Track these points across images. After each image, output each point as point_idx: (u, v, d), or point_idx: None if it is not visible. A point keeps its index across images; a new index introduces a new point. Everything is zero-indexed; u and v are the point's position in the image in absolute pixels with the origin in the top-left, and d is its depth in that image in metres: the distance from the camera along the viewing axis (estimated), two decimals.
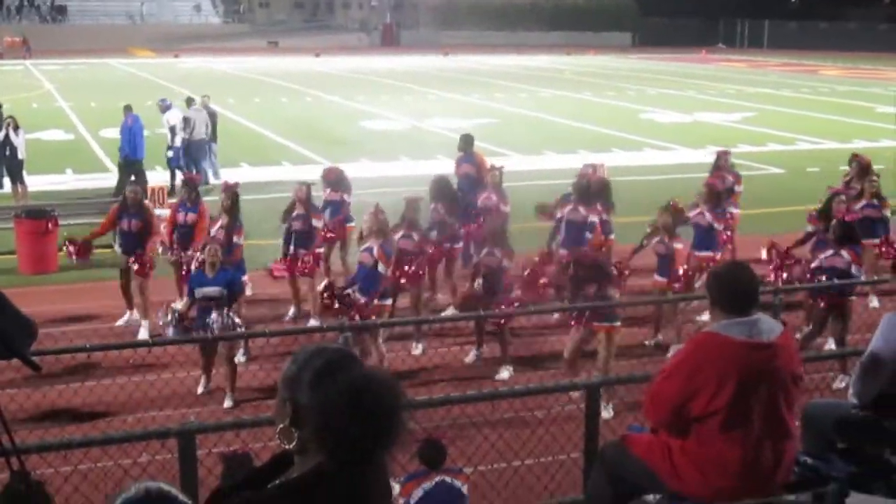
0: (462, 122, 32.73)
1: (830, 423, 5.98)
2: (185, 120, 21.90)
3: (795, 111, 38.04)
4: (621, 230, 14.27)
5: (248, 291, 13.33)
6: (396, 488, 6.91)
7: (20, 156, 20.87)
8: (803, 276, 11.63)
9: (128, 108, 22.06)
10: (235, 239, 12.62)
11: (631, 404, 9.82)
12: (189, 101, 23.06)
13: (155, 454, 7.67)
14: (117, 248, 16.70)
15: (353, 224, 14.34)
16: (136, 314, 13.12)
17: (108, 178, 21.73)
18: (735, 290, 5.16)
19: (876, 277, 13.15)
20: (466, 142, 16.37)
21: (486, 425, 9.01)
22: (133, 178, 20.92)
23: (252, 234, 14.66)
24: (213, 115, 23.21)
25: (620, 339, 10.93)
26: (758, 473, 5.11)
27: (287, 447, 2.90)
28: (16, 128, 20.89)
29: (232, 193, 12.87)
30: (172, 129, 22.02)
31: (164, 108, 22.57)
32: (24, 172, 21.22)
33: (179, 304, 11.37)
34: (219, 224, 12.71)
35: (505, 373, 11.54)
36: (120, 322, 13.17)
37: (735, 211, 15.22)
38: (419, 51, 73.18)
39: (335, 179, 14.72)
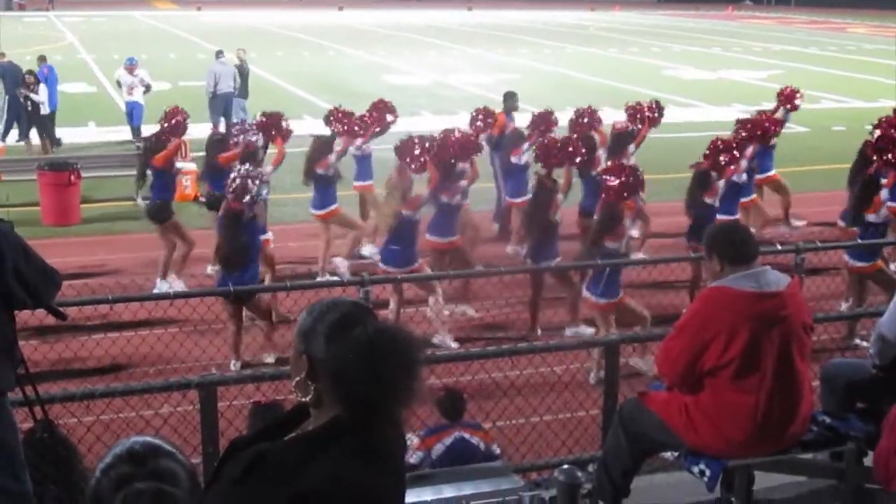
0: (485, 77, 32.58)
1: (849, 382, 5.98)
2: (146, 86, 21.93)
3: (821, 69, 37.67)
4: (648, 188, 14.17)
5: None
6: (415, 441, 6.95)
7: (42, 111, 20.92)
8: None
9: (42, 59, 22.21)
10: None
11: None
12: (217, 54, 22.97)
13: (176, 405, 7.73)
14: (140, 202, 16.81)
15: (370, 182, 14.27)
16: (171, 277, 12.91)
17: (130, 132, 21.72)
18: (738, 240, 5.23)
19: None
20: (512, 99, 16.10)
21: (505, 382, 9.04)
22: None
23: (274, 189, 14.63)
24: (244, 70, 23.11)
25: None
26: (772, 422, 5.13)
27: (303, 400, 2.92)
28: (36, 83, 20.90)
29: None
30: (148, 87, 21.98)
31: (132, 68, 22.07)
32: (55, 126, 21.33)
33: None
34: None
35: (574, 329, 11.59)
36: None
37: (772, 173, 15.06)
38: (443, 5, 72.62)
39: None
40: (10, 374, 5.05)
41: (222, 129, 20.91)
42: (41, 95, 20.92)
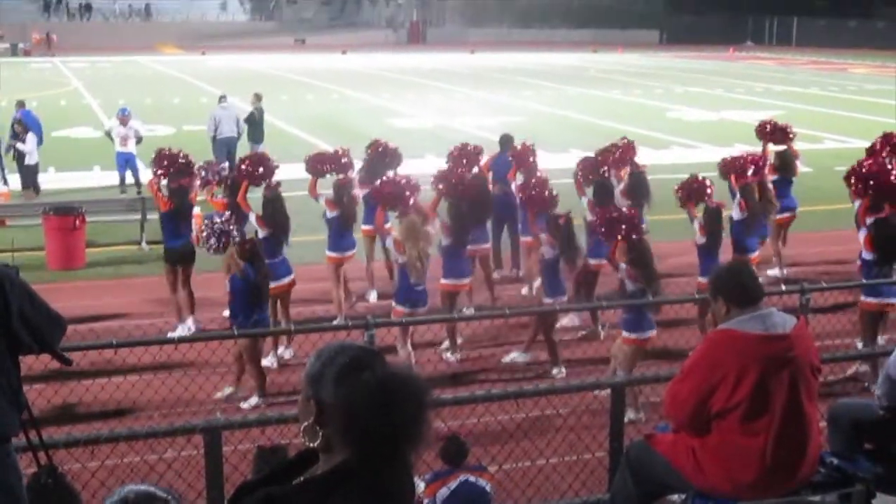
0: (489, 119, 32.69)
1: (857, 423, 5.96)
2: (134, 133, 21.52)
3: (823, 109, 37.80)
4: (650, 228, 14.16)
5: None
6: (421, 486, 6.92)
7: (27, 161, 20.76)
8: None
9: (20, 104, 22.10)
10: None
11: (656, 403, 9.79)
12: (220, 99, 23.00)
13: (181, 450, 7.71)
14: (144, 246, 16.82)
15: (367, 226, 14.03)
16: (188, 321, 12.83)
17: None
18: (743, 282, 5.23)
19: None
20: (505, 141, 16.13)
21: (511, 424, 9.02)
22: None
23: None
24: (255, 115, 23.05)
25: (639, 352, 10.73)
26: (780, 465, 5.11)
27: (311, 445, 2.91)
28: (24, 132, 20.80)
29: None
30: (139, 138, 21.61)
31: (125, 119, 21.59)
32: (38, 177, 21.23)
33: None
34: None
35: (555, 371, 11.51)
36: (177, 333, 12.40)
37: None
38: (446, 48, 73.13)
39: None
40: (15, 418, 5.04)
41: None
42: (28, 145, 20.76)
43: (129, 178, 21.44)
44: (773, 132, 15.59)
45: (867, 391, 10.16)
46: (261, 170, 12.59)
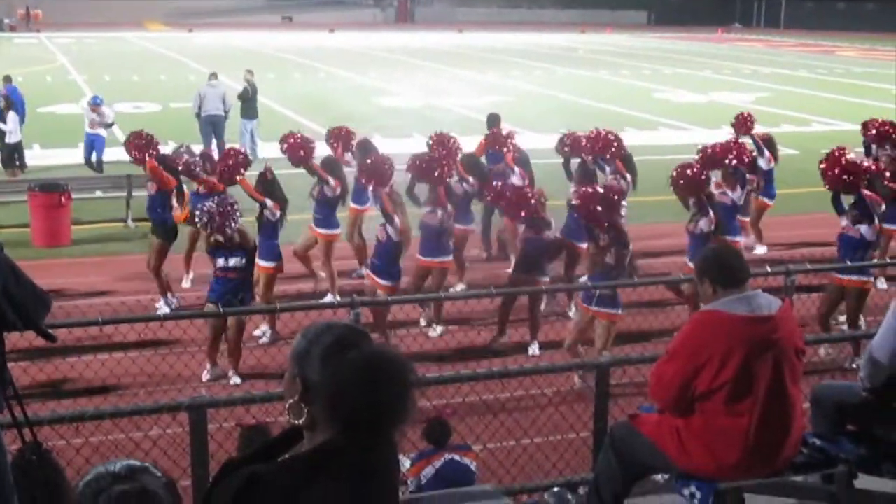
0: (476, 99, 32.64)
1: (840, 405, 5.98)
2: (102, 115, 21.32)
3: (811, 92, 37.84)
4: (638, 210, 14.19)
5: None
6: (406, 464, 6.94)
7: (8, 139, 20.60)
8: None
9: (7, 80, 21.90)
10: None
11: (641, 384, 9.83)
12: (209, 77, 22.89)
13: (166, 427, 7.70)
14: (130, 224, 16.79)
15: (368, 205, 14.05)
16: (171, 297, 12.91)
17: (121, 152, 21.66)
18: (729, 263, 5.25)
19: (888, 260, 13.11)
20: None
21: (496, 404, 9.03)
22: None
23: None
24: (248, 92, 23.02)
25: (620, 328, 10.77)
26: (764, 446, 5.12)
27: (296, 423, 2.91)
28: (6, 110, 20.62)
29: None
30: (109, 124, 21.56)
31: (96, 108, 21.29)
32: (24, 153, 21.11)
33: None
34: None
35: (535, 347, 11.60)
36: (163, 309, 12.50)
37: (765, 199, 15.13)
38: (434, 27, 72.91)
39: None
40: None
41: (214, 150, 20.74)
42: (9, 124, 20.56)
43: (99, 157, 21.37)
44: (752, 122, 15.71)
45: (848, 371, 10.23)
46: (241, 158, 12.71)
